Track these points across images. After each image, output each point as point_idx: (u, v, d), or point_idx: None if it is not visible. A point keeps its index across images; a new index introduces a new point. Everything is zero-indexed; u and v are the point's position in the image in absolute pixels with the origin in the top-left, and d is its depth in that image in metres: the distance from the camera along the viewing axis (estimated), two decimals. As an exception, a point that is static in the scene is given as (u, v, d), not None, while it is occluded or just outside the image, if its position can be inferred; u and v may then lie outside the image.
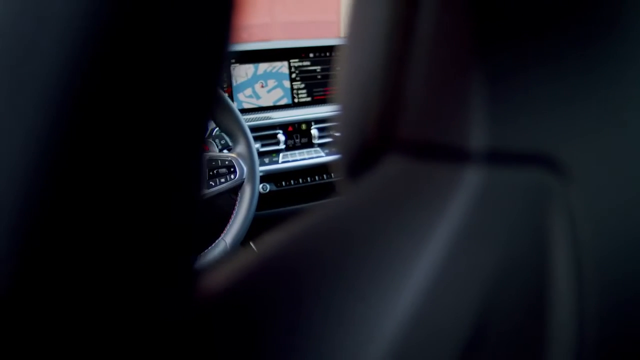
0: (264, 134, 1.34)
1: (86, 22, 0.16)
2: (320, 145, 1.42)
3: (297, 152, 1.38)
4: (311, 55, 1.44)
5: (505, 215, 0.21)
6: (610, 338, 0.23)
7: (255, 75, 1.37)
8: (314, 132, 1.41)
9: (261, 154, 1.33)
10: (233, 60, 1.34)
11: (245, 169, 1.11)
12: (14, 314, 0.16)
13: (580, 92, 0.22)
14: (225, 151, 1.21)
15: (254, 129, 1.31)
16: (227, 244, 1.08)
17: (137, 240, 0.18)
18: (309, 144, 1.41)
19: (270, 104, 1.39)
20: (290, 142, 1.38)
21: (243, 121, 1.13)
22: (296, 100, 1.43)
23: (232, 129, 1.13)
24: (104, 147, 0.16)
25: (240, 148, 1.13)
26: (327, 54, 1.46)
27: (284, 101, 1.41)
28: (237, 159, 1.12)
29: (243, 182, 1.11)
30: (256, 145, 1.26)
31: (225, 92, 1.33)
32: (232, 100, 1.34)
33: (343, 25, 0.28)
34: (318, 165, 1.41)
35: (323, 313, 0.20)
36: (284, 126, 1.37)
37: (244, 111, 1.36)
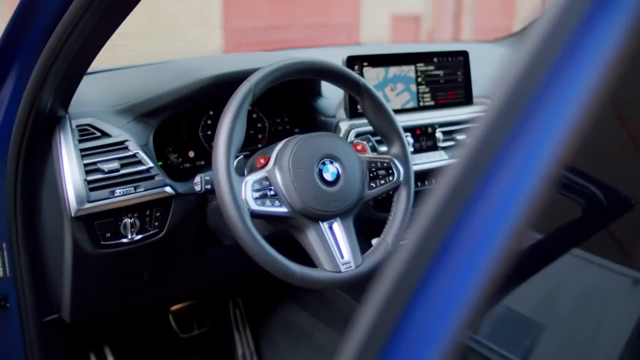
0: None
1: None
2: (444, 148, 1.44)
3: (423, 155, 1.40)
4: (435, 60, 1.46)
5: None
6: None
7: (385, 78, 1.39)
8: (438, 135, 1.43)
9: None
10: (366, 64, 1.36)
11: (402, 170, 1.13)
12: None
13: None
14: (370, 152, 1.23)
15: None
16: (390, 245, 1.10)
17: None
18: (434, 147, 1.43)
19: (399, 107, 1.41)
20: (417, 145, 1.40)
21: (398, 123, 1.15)
22: (421, 103, 1.45)
23: (387, 130, 1.15)
24: None
25: (396, 149, 1.15)
26: (449, 59, 1.48)
27: (410, 104, 1.43)
28: (394, 161, 1.14)
29: (400, 184, 1.13)
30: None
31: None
32: (365, 103, 1.36)
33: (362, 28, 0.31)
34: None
35: None
36: (412, 129, 1.39)
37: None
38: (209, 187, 1.02)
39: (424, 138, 1.42)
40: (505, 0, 9.48)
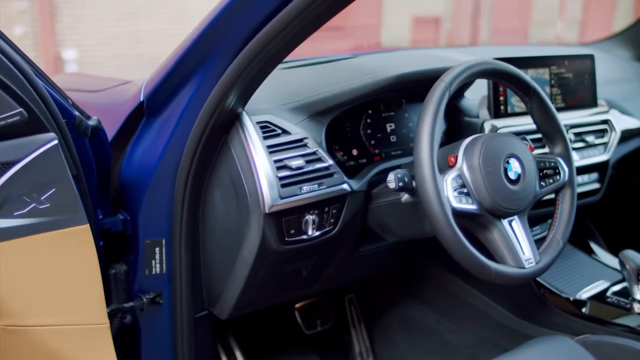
0: (534, 137, 1.39)
1: None
2: (575, 149, 1.47)
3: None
4: (566, 62, 1.49)
5: None
6: None
7: (524, 80, 1.41)
8: (570, 136, 1.46)
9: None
10: (507, 66, 1.38)
11: (567, 170, 1.16)
12: None
13: None
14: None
15: (525, 133, 1.36)
16: (561, 242, 1.13)
17: None
18: None
19: (535, 108, 1.44)
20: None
21: (562, 123, 1.18)
22: (554, 105, 1.48)
23: (551, 130, 1.18)
24: None
25: (560, 149, 1.18)
26: (577, 61, 1.51)
27: (545, 106, 1.46)
28: (559, 160, 1.16)
29: (565, 183, 1.16)
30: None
31: (500, 96, 1.38)
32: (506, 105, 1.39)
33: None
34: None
35: None
36: None
37: (515, 115, 1.41)
38: (401, 184, 1.04)
39: (558, 139, 1.44)
40: (520, 3, 9.55)
